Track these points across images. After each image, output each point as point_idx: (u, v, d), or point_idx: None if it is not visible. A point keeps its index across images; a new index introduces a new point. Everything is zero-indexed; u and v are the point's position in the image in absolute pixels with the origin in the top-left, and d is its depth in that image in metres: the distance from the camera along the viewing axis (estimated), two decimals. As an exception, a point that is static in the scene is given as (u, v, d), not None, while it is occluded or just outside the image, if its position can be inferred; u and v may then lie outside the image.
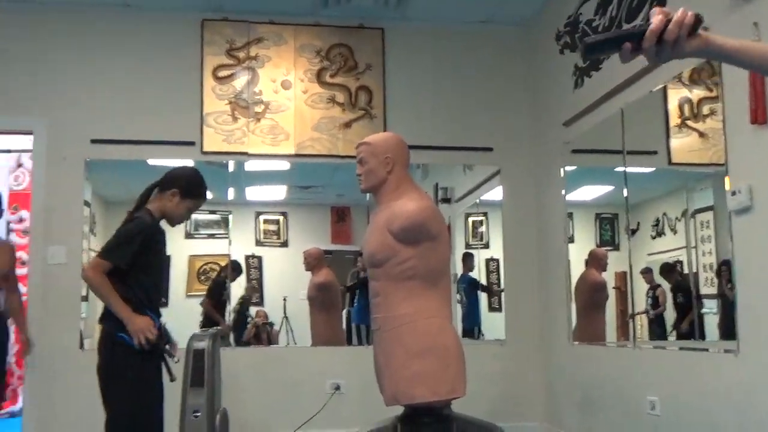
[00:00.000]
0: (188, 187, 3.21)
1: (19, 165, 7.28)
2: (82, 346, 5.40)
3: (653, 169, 4.79)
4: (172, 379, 3.16)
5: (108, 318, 3.06)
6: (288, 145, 5.83)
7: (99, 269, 2.97)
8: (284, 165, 6.04)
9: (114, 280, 2.97)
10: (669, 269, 4.35)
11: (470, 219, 6.46)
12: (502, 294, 6.11)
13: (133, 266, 3.00)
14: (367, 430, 2.90)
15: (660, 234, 4.42)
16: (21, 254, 6.32)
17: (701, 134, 3.98)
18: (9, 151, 6.33)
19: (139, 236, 3.02)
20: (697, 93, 3.99)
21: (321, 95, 5.92)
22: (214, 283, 5.97)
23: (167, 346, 3.15)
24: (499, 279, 6.15)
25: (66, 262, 5.33)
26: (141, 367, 3.00)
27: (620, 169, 4.74)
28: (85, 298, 5.42)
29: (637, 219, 4.61)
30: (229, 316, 5.80)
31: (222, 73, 5.81)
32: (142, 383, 3.02)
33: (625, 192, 4.68)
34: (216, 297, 5.89)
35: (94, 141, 5.56)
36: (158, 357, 3.09)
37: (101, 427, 2.94)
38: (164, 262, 3.30)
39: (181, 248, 5.90)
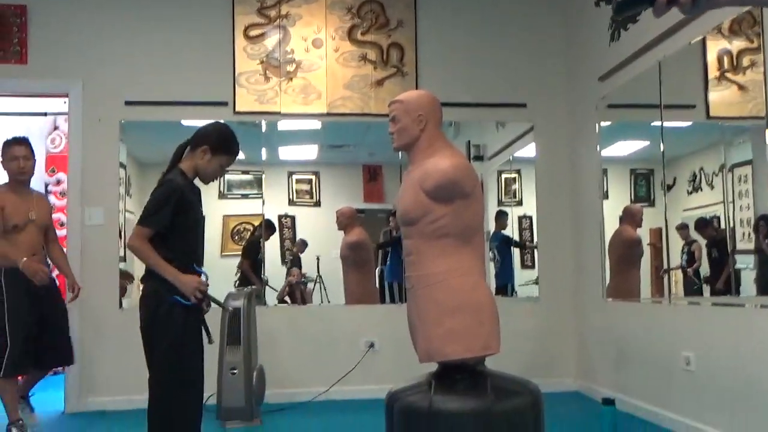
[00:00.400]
0: (218, 143, 3.21)
1: (56, 127, 7.37)
2: (121, 305, 5.51)
3: (690, 123, 4.71)
4: (211, 341, 3.21)
5: (150, 278, 3.11)
6: (320, 104, 5.82)
7: (141, 237, 3.02)
8: (316, 124, 6.04)
9: (157, 243, 3.02)
10: (704, 224, 4.29)
11: (503, 176, 6.42)
12: (535, 251, 6.09)
13: (172, 228, 3.04)
14: (401, 387, 2.93)
15: (696, 189, 4.35)
16: (59, 216, 6.44)
17: (741, 87, 3.89)
18: (45, 114, 6.40)
19: (173, 197, 3.05)
20: (737, 44, 3.89)
21: (352, 53, 5.88)
22: (249, 243, 6.03)
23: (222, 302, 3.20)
24: (532, 236, 6.13)
25: (103, 223, 5.42)
26: (184, 323, 3.06)
27: (656, 123, 4.65)
28: (123, 259, 5.52)
29: (673, 174, 4.55)
30: (265, 275, 5.86)
31: (253, 33, 5.79)
32: (186, 338, 3.08)
33: (661, 147, 4.61)
34: (252, 257, 5.95)
35: (128, 103, 5.60)
36: (199, 314, 3.14)
37: (140, 382, 2.98)
38: (201, 220, 3.33)
39: (215, 209, 5.95)
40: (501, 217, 6.27)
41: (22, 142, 4.75)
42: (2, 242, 4.54)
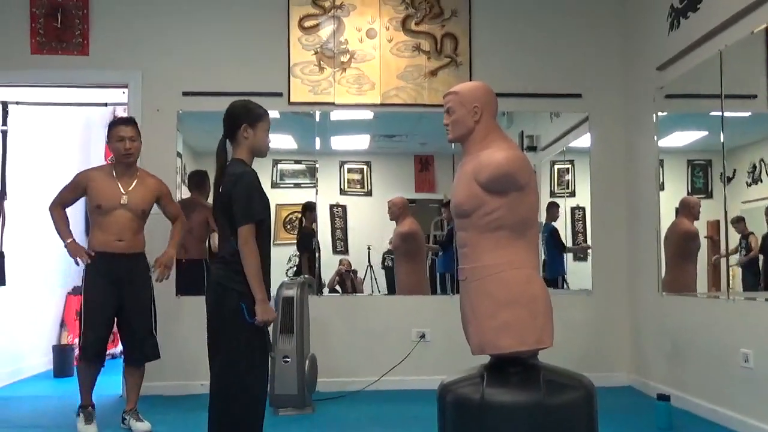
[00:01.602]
0: (251, 115, 3.23)
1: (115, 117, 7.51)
2: (178, 293, 5.61)
3: (750, 113, 4.59)
4: (271, 353, 3.26)
5: (219, 268, 3.16)
6: (373, 94, 5.82)
7: (251, 235, 3.05)
8: (369, 114, 6.04)
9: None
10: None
11: (556, 167, 6.34)
12: (585, 249, 6.01)
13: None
14: (453, 378, 2.92)
15: (756, 181, 4.25)
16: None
17: (805, 77, 3.77)
18: (106, 105, 6.52)
19: (256, 185, 3.13)
20: (802, 33, 3.77)
21: (406, 43, 5.87)
22: (303, 235, 6.06)
23: None
24: (585, 228, 6.05)
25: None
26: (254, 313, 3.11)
27: (716, 113, 4.55)
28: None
29: (732, 165, 4.44)
30: (318, 264, 5.90)
31: (308, 23, 5.82)
32: (255, 329, 3.12)
33: (721, 137, 4.50)
34: (309, 247, 5.97)
35: (185, 93, 5.70)
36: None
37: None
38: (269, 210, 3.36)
39: (268, 197, 6.00)
40: (552, 209, 6.20)
41: (129, 122, 4.63)
42: (92, 226, 4.49)
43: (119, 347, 6.04)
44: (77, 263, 4.47)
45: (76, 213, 4.87)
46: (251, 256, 3.05)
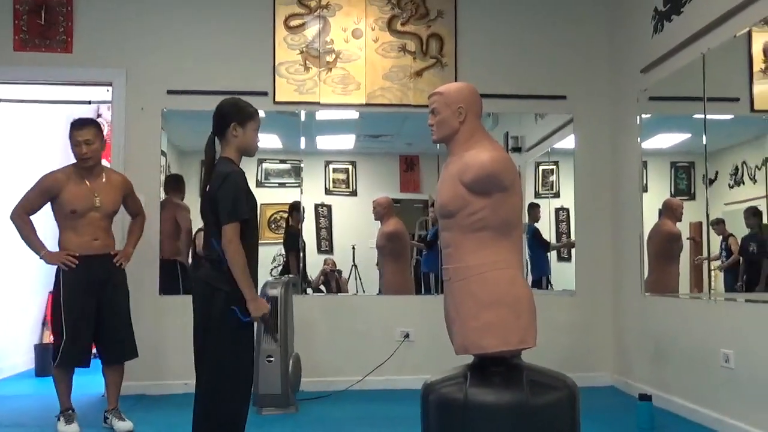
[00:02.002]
0: (240, 114, 3.21)
1: (99, 116, 7.47)
2: (161, 291, 5.59)
3: (733, 116, 4.64)
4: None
5: (207, 268, 3.16)
6: (359, 94, 5.83)
7: (235, 233, 3.03)
8: (354, 114, 6.05)
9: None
10: (754, 213, 4.18)
11: (540, 168, 6.37)
12: (569, 246, 6.04)
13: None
14: (436, 378, 2.93)
15: (738, 183, 4.29)
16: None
17: (787, 80, 3.81)
18: (89, 102, 6.48)
19: (242, 185, 3.12)
20: (784, 37, 3.81)
21: (392, 44, 5.87)
22: (289, 234, 6.05)
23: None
24: (569, 229, 6.08)
25: (145, 211, 5.47)
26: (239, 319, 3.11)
27: (699, 116, 4.59)
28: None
29: (715, 168, 4.48)
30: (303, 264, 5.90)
31: (293, 23, 5.81)
32: (242, 329, 3.13)
33: (704, 140, 4.54)
34: (295, 247, 5.96)
35: (170, 92, 5.67)
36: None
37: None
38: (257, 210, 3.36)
39: (255, 197, 5.99)
40: (533, 210, 6.23)
41: (85, 124, 4.44)
42: (64, 230, 4.39)
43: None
44: (65, 267, 4.32)
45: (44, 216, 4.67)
46: (236, 254, 3.04)
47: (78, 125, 4.42)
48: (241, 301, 3.07)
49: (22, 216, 4.37)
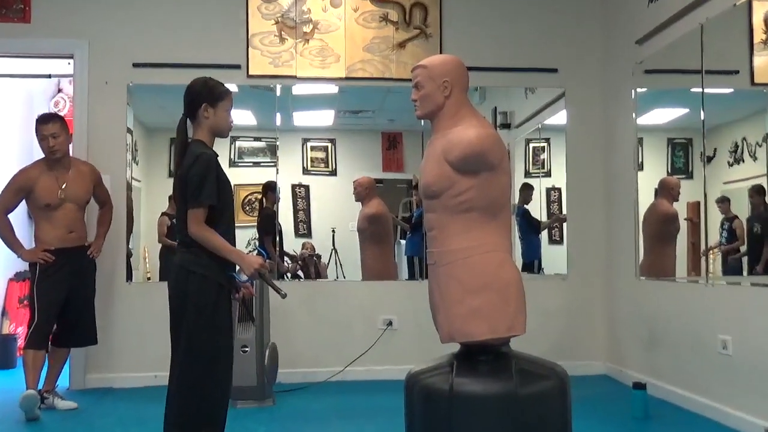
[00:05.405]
0: (211, 93, 3.23)
1: (59, 90, 7.40)
2: (129, 278, 5.56)
3: (732, 90, 4.65)
4: (283, 296, 3.29)
5: (181, 249, 3.17)
6: (338, 67, 5.80)
7: (199, 220, 3.09)
8: (333, 89, 6.01)
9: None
10: (758, 192, 4.19)
11: (531, 145, 6.39)
12: (562, 226, 6.07)
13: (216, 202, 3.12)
14: (421, 368, 2.94)
15: (738, 161, 4.31)
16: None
17: (789, 52, 3.83)
18: (49, 76, 6.42)
19: (212, 168, 3.13)
20: (786, 7, 3.82)
21: (373, 13, 5.84)
22: (263, 217, 6.04)
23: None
24: (560, 209, 6.11)
25: (110, 193, 5.43)
26: (215, 301, 3.13)
27: (697, 90, 4.60)
28: (130, 230, 5.58)
29: (714, 144, 4.51)
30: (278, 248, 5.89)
31: (267, -9, 5.77)
32: (217, 316, 3.14)
33: (702, 115, 4.55)
34: (271, 229, 5.95)
35: (136, 65, 5.62)
36: (230, 293, 3.24)
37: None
38: (231, 194, 3.39)
39: (230, 181, 5.96)
40: (525, 191, 6.24)
41: (50, 119, 4.89)
42: (40, 222, 4.84)
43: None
44: (42, 262, 4.72)
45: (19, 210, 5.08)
46: (205, 236, 3.08)
47: (43, 120, 4.86)
48: (221, 279, 3.14)
49: (0, 217, 4.79)
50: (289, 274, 6.01)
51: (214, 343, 3.13)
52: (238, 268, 3.22)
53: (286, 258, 6.02)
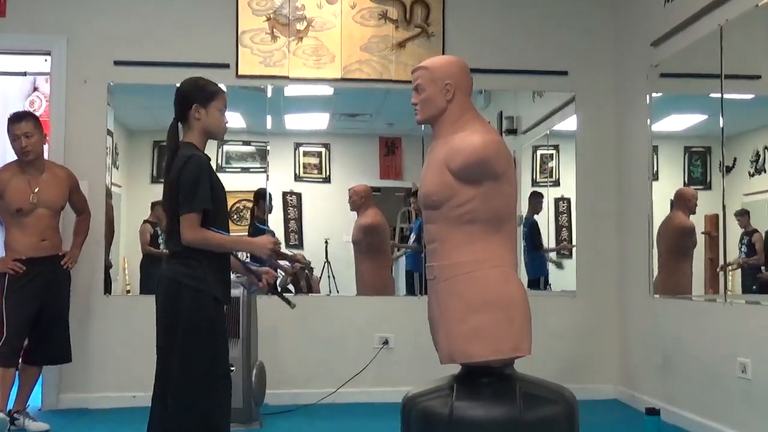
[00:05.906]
0: (202, 94, 3.24)
1: (35, 89, 7.39)
2: (107, 291, 5.55)
3: (753, 95, 4.67)
4: (293, 307, 3.29)
5: (171, 263, 3.16)
6: (333, 67, 5.81)
7: (193, 226, 3.07)
8: (328, 90, 6.03)
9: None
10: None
11: (539, 152, 6.40)
12: (566, 250, 6.08)
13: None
14: (418, 390, 2.94)
15: (759, 171, 4.33)
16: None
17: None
18: (25, 74, 6.42)
19: (204, 171, 3.13)
20: (811, 8, 3.84)
21: (371, 10, 5.85)
22: (255, 228, 6.02)
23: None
24: (570, 221, 6.11)
25: (88, 198, 5.42)
26: (212, 315, 3.13)
27: (716, 95, 4.61)
28: (110, 239, 5.58)
29: (734, 154, 4.52)
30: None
31: (258, -15, 5.79)
32: (217, 331, 3.15)
33: (721, 122, 4.56)
34: None
35: (117, 63, 5.62)
36: (222, 306, 3.23)
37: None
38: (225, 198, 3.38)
39: (222, 184, 5.96)
40: (534, 200, 6.24)
41: (23, 117, 4.84)
42: (10, 229, 4.79)
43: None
44: (12, 272, 4.68)
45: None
46: (206, 235, 3.08)
47: (15, 119, 4.81)
48: (216, 294, 3.13)
49: None
50: (279, 288, 6.00)
51: (210, 359, 3.12)
52: (248, 256, 3.21)
53: (279, 270, 6.00)
